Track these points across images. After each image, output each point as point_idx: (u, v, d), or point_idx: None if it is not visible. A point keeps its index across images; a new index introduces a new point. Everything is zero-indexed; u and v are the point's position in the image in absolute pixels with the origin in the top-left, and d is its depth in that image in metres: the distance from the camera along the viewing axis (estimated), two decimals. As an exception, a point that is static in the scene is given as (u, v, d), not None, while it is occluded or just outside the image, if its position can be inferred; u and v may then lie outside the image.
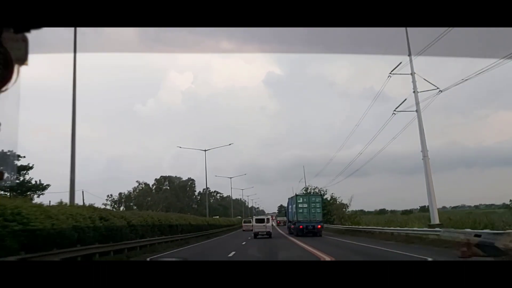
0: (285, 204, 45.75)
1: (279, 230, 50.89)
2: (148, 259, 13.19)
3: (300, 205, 34.89)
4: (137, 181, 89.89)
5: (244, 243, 26.19)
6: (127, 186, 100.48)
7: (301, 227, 34.10)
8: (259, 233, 31.98)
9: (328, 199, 51.30)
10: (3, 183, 1.15)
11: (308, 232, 34.05)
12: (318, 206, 34.97)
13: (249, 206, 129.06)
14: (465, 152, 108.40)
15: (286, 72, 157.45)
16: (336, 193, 53.30)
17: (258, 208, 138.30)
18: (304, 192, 49.22)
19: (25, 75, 1.06)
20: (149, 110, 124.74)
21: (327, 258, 15.04)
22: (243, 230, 47.31)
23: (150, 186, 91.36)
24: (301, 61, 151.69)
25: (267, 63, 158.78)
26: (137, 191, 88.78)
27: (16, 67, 1.04)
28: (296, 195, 36.37)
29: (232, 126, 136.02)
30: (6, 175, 1.11)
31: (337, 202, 52.11)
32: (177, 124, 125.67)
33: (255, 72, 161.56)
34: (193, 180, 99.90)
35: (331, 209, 49.20)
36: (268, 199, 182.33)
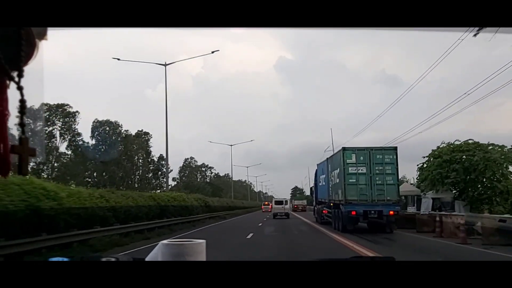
0: (301, 186, 28.16)
1: (302, 218, 34.52)
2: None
3: (351, 169, 16.80)
4: None
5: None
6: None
7: (353, 213, 16.51)
8: (278, 213, 33.95)
9: None
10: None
11: (366, 222, 17.00)
12: (390, 172, 16.66)
13: (256, 191, 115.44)
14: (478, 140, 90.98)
15: (297, 57, 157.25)
16: None
17: (266, 193, 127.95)
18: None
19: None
20: (159, 95, 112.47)
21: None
22: (263, 212, 48.77)
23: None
24: (312, 45, 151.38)
25: (278, 48, 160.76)
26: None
27: (36, 42, 0.99)
28: (344, 149, 17.73)
29: (242, 111, 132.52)
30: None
31: None
32: (188, 109, 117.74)
33: (266, 57, 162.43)
34: (147, 133, 59.76)
35: None
36: (277, 185, 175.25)
